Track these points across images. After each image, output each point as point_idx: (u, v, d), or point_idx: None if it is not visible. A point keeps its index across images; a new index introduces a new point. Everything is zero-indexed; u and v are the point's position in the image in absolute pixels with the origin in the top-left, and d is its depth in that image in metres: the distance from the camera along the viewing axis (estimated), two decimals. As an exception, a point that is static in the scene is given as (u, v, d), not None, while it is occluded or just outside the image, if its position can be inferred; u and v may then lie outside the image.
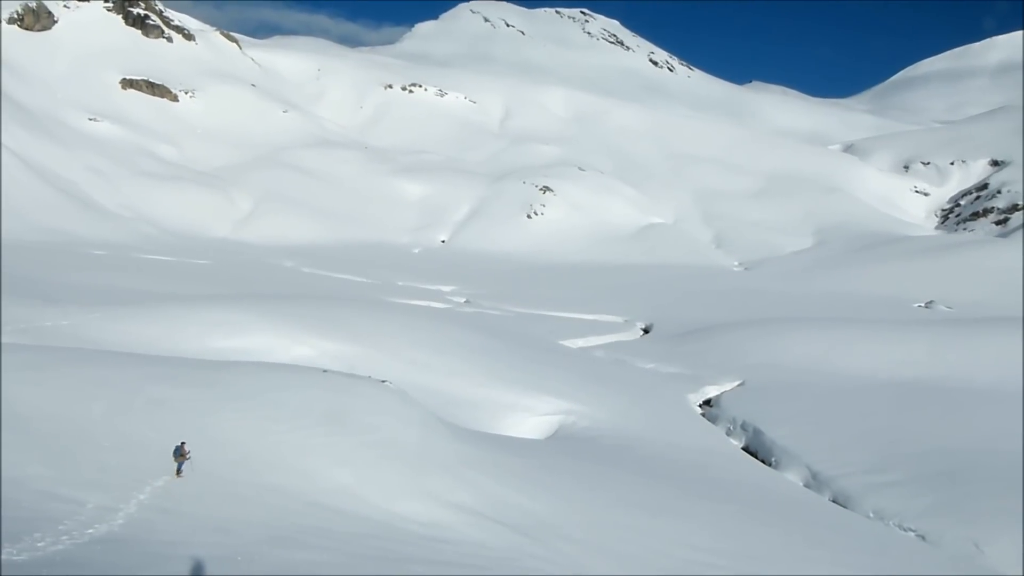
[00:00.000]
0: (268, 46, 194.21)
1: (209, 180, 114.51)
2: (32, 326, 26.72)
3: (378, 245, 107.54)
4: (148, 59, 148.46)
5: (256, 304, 33.83)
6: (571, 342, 47.73)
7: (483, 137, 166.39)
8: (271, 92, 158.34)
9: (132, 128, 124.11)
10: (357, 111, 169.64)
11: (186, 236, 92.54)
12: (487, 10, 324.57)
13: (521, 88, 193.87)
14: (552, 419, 29.31)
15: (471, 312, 56.14)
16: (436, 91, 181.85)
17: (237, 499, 14.56)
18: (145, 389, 18.30)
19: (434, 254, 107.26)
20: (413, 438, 18.82)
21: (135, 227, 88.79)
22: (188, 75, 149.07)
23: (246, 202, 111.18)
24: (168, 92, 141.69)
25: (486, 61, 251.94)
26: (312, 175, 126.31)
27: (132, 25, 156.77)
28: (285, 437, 17.37)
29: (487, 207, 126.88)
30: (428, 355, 31.80)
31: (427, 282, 73.00)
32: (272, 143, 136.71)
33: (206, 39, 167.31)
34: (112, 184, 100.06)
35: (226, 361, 23.20)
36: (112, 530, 11.66)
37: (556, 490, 19.52)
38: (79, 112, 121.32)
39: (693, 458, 27.18)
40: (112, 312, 30.09)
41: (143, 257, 66.89)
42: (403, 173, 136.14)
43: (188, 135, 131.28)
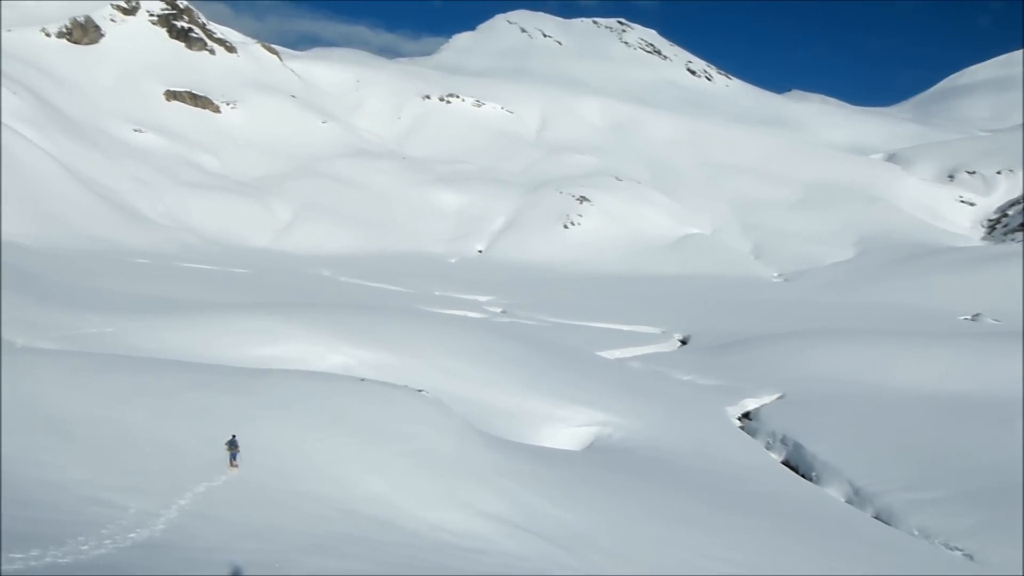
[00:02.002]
0: (308, 58, 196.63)
1: (249, 190, 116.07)
2: (77, 333, 27.22)
3: (415, 255, 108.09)
4: (191, 71, 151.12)
5: (294, 313, 34.14)
6: (607, 353, 47.46)
7: (520, 147, 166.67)
8: (310, 103, 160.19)
9: (175, 139, 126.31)
10: (395, 121, 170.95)
11: (226, 245, 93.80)
12: (524, 21, 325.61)
13: (558, 98, 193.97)
14: (588, 430, 29.14)
15: (507, 322, 56.10)
16: (473, 101, 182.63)
17: (274, 506, 14.66)
18: (185, 396, 18.53)
19: (470, 264, 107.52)
20: (449, 448, 18.83)
21: (177, 236, 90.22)
22: (230, 87, 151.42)
23: (285, 212, 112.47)
24: (210, 103, 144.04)
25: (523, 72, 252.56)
26: (350, 185, 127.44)
27: (176, 38, 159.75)
28: (321, 445, 17.47)
29: (523, 217, 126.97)
30: (464, 365, 31.82)
31: (463, 292, 73.15)
32: (311, 153, 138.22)
33: (248, 51, 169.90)
34: (155, 193, 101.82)
35: (264, 369, 23.42)
36: (153, 535, 11.79)
37: (591, 502, 19.38)
38: (124, 123, 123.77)
39: (731, 471, 26.82)
40: (153, 320, 30.55)
41: (184, 266, 67.91)
42: (440, 183, 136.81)
43: (229, 146, 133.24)
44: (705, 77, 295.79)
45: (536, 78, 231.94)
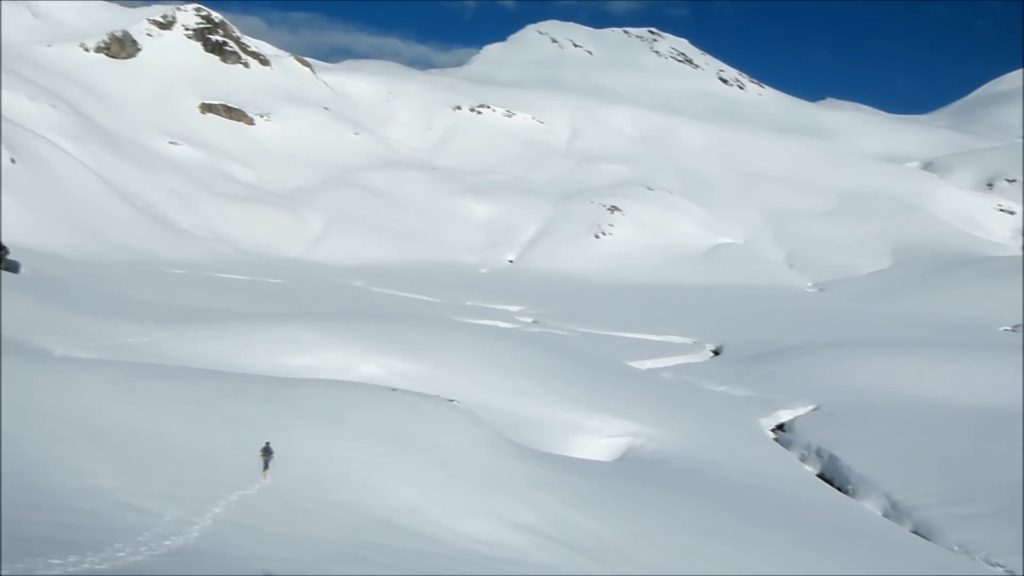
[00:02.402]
0: (340, 70, 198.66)
1: (282, 201, 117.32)
2: (114, 342, 27.63)
3: (446, 265, 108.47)
4: (226, 84, 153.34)
5: (326, 323, 34.37)
6: (639, 363, 47.20)
7: (550, 157, 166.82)
8: (343, 115, 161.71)
9: (210, 151, 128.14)
10: (426, 132, 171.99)
11: (260, 256, 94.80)
12: (555, 31, 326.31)
13: (588, 108, 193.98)
14: (619, 441, 28.96)
15: (538, 332, 56.03)
16: (504, 112, 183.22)
17: (306, 515, 14.73)
18: (219, 404, 18.71)
19: (501, 274, 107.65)
20: (480, 458, 18.81)
21: (212, 247, 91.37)
22: (263, 99, 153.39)
23: (318, 222, 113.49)
24: (244, 116, 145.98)
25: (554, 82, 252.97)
26: (382, 196, 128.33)
27: (211, 52, 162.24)
28: (353, 454, 17.54)
29: (554, 227, 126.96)
30: (495, 375, 31.80)
31: (494, 302, 73.22)
32: (343, 165, 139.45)
33: (281, 64, 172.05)
34: (190, 205, 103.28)
35: (297, 378, 23.60)
36: (188, 543, 11.89)
37: (622, 513, 19.24)
38: (160, 136, 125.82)
39: (765, 484, 26.50)
40: (188, 330, 30.92)
41: (219, 276, 68.70)
42: (471, 193, 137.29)
43: (263, 157, 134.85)
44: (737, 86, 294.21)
45: (567, 88, 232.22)
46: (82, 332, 27.99)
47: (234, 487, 14.94)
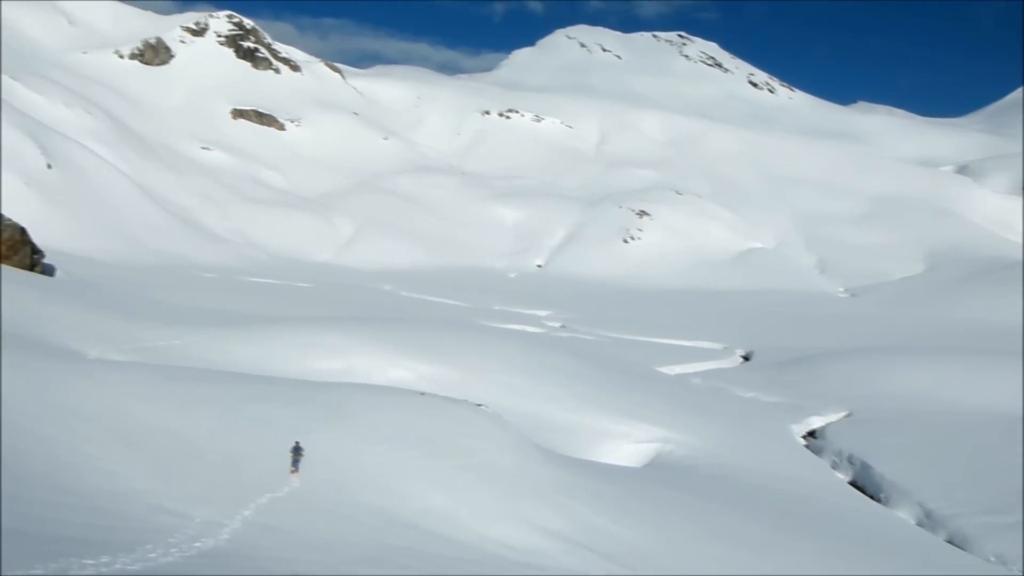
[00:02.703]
0: (370, 75, 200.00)
1: (312, 206, 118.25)
2: (146, 345, 27.96)
3: (474, 269, 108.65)
4: (257, 90, 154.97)
5: (355, 327, 34.55)
6: (668, 368, 46.94)
7: (579, 162, 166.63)
8: (372, 120, 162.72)
9: (241, 156, 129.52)
10: (455, 137, 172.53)
11: (290, 260, 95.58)
12: (583, 36, 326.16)
13: (617, 112, 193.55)
14: (648, 447, 28.79)
15: (566, 337, 55.91)
16: (532, 117, 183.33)
17: (335, 518, 14.79)
18: (249, 407, 18.87)
19: (530, 278, 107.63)
20: (508, 463, 18.78)
21: (242, 251, 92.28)
22: (294, 105, 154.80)
23: (347, 227, 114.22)
24: (275, 121, 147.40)
25: (582, 87, 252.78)
26: (411, 200, 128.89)
27: (243, 58, 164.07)
28: (382, 458, 17.59)
29: (583, 232, 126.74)
30: (523, 379, 31.77)
31: (523, 306, 73.19)
32: (372, 169, 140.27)
33: (311, 70, 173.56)
34: (221, 210, 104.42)
35: (326, 382, 23.73)
36: (218, 545, 11.97)
37: (651, 520, 19.11)
38: (192, 141, 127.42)
39: (795, 491, 26.21)
40: (219, 333, 31.22)
41: (249, 280, 69.36)
42: (499, 198, 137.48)
43: (293, 162, 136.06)
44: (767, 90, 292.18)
45: (595, 93, 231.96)
46: (115, 335, 28.36)
47: (263, 490, 15.04)
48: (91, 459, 14.66)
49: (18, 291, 30.95)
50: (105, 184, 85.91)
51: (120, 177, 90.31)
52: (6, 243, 38.03)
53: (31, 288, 33.33)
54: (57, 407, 16.64)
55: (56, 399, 17.03)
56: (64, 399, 17.13)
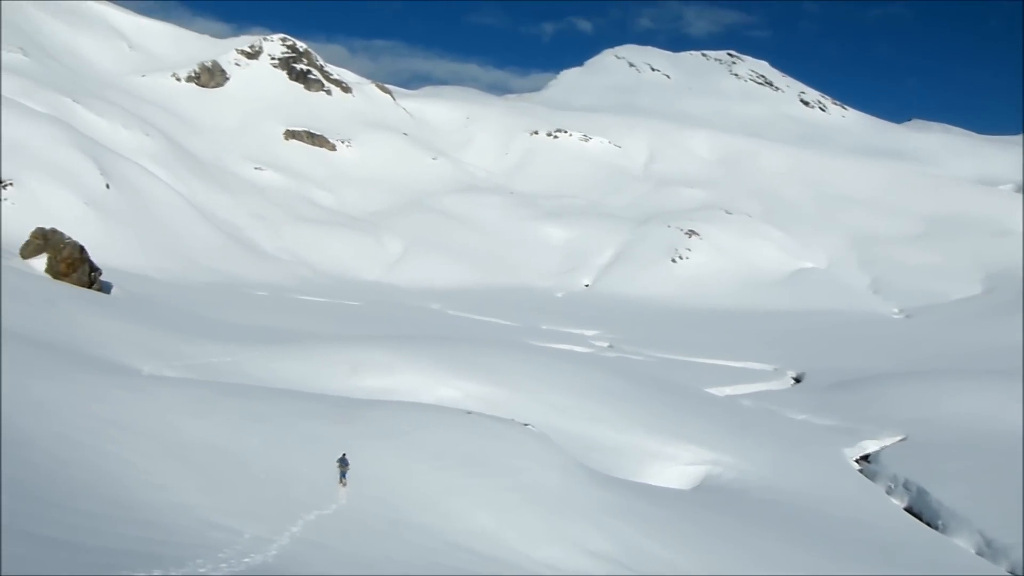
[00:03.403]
0: (419, 96, 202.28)
1: (362, 225, 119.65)
2: (199, 362, 28.44)
3: (522, 288, 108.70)
4: (309, 111, 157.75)
5: (403, 345, 34.75)
6: (717, 390, 46.30)
7: (627, 181, 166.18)
8: (421, 140, 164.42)
9: (293, 176, 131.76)
10: (503, 157, 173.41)
11: (340, 278, 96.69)
12: (632, 55, 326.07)
13: (666, 131, 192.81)
14: (697, 469, 28.38)
15: (614, 357, 55.55)
16: (580, 136, 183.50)
17: (381, 536, 14.81)
18: (298, 424, 19.04)
19: (577, 298, 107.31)
20: (554, 483, 18.64)
21: (293, 269, 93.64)
22: (345, 125, 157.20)
23: (396, 246, 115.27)
24: (326, 142, 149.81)
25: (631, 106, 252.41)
26: (459, 220, 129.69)
27: (295, 80, 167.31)
28: (428, 476, 17.59)
29: (631, 251, 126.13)
30: (570, 399, 31.60)
31: (570, 326, 72.94)
32: (421, 189, 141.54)
33: (362, 91, 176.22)
34: (273, 229, 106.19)
35: (373, 400, 23.86)
36: (266, 560, 12.06)
37: (699, 544, 18.79)
38: (246, 161, 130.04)
39: (849, 517, 25.57)
40: (270, 350, 31.64)
41: (299, 298, 70.28)
42: (547, 217, 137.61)
43: (344, 182, 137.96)
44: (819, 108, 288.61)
45: (644, 112, 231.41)
46: (169, 351, 28.90)
47: (312, 507, 15.12)
48: (144, 473, 14.91)
49: (76, 308, 31.76)
50: (161, 204, 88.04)
51: (176, 197, 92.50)
52: (65, 261, 39.08)
53: (88, 305, 34.18)
54: (112, 422, 16.97)
55: (111, 414, 17.38)
56: (119, 414, 17.48)
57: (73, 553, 9.95)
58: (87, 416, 16.84)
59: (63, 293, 35.07)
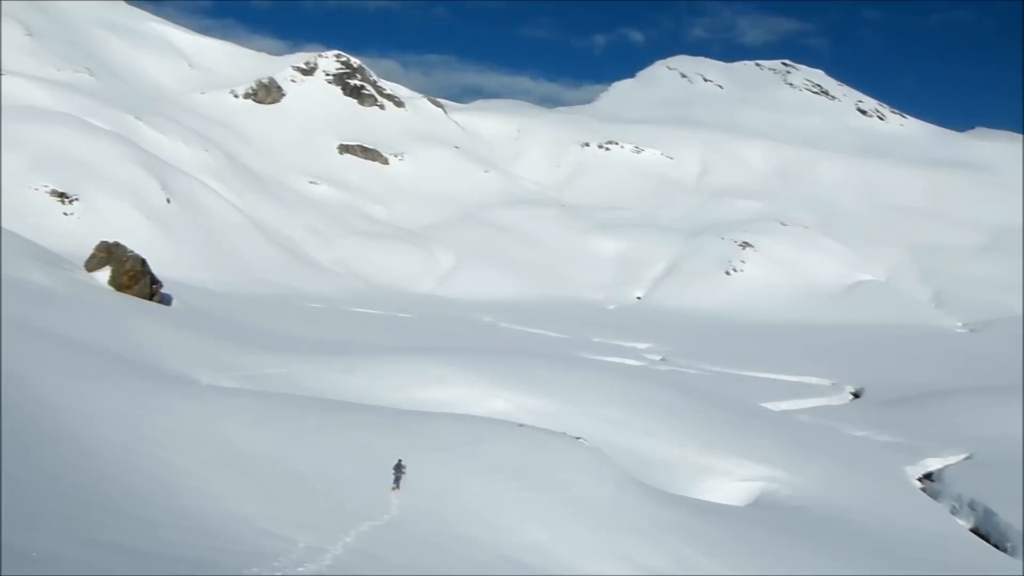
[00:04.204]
0: (471, 109, 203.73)
1: (414, 238, 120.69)
2: (255, 373, 28.91)
3: (573, 301, 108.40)
4: (362, 126, 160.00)
5: (455, 357, 34.86)
6: (773, 405, 45.52)
7: (680, 193, 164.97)
8: (473, 153, 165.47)
9: (346, 189, 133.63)
10: (554, 169, 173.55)
11: (392, 290, 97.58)
12: (684, 66, 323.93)
13: (719, 142, 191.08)
14: (752, 485, 27.89)
15: (667, 370, 55.03)
16: (632, 148, 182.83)
17: (433, 549, 14.83)
18: (351, 435, 19.22)
19: (629, 310, 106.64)
20: (607, 497, 18.49)
21: (347, 282, 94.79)
22: (398, 139, 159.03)
23: (448, 259, 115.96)
24: (380, 156, 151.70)
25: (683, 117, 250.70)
26: (510, 232, 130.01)
27: (349, 95, 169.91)
28: (480, 489, 17.58)
29: (684, 263, 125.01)
30: (623, 413, 31.34)
31: (622, 339, 72.48)
32: (473, 202, 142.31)
33: (414, 105, 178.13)
34: (327, 242, 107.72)
35: (426, 412, 23.97)
36: (320, 570, 12.16)
37: (754, 562, 18.44)
38: (301, 176, 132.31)
39: (911, 537, 24.87)
40: (324, 362, 32.02)
41: (353, 310, 71.07)
42: (599, 230, 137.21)
43: (396, 195, 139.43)
44: (877, 117, 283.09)
45: (697, 123, 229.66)
46: (226, 362, 29.43)
47: (364, 517, 15.23)
48: (202, 482, 15.18)
49: (137, 319, 32.56)
50: (219, 218, 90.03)
51: (233, 211, 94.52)
52: (127, 274, 40.10)
53: (149, 316, 35.01)
54: (172, 431, 17.33)
55: (171, 423, 17.75)
56: (179, 424, 17.84)
57: (135, 559, 10.16)
58: (150, 425, 17.22)
59: (125, 305, 36.00)
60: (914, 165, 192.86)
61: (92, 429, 15.94)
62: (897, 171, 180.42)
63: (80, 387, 18.24)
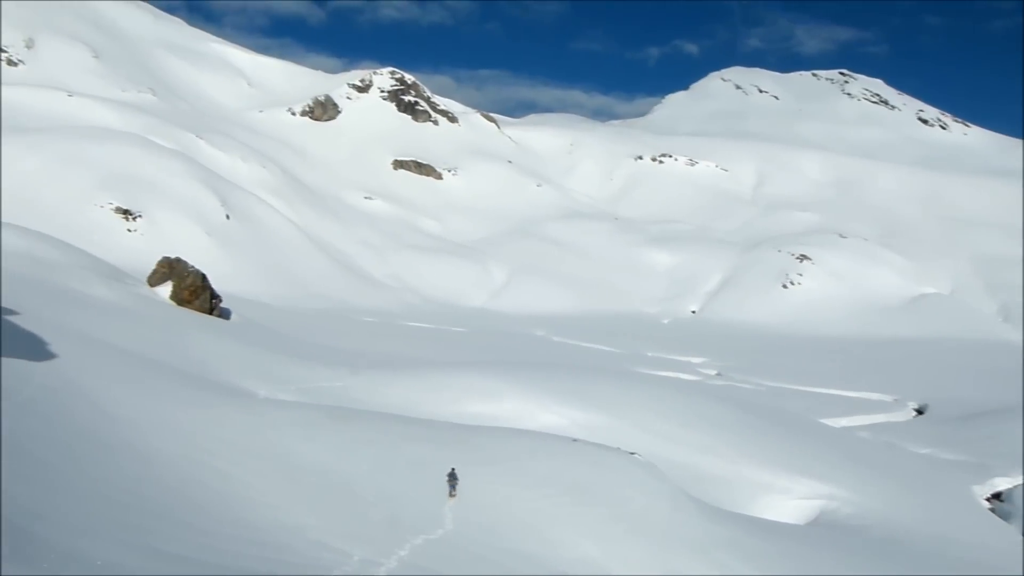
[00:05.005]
0: (524, 124, 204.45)
1: (467, 252, 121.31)
2: (311, 386, 29.27)
3: (627, 315, 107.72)
4: (416, 141, 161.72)
5: (508, 371, 34.83)
6: (832, 421, 44.51)
7: (735, 205, 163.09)
8: (525, 167, 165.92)
9: (401, 204, 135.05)
10: (607, 183, 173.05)
11: (445, 304, 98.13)
12: (738, 77, 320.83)
13: (774, 154, 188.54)
14: (812, 503, 27.26)
15: (722, 385, 54.26)
16: (686, 160, 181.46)
17: (486, 563, 14.78)
18: (405, 449, 19.29)
19: (684, 324, 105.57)
20: (662, 514, 18.25)
21: (400, 296, 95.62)
22: (451, 154, 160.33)
23: (501, 273, 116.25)
24: (433, 171, 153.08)
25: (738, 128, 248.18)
26: (563, 246, 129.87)
27: (404, 111, 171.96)
28: (533, 504, 17.49)
29: (740, 276, 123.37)
30: (677, 428, 30.95)
31: (677, 353, 71.72)
32: (526, 216, 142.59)
33: (468, 120, 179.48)
34: (381, 256, 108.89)
35: (479, 426, 23.98)
36: (373, 584, 12.21)
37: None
38: (356, 191, 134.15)
39: (980, 560, 24.04)
40: (377, 375, 32.27)
41: (406, 324, 71.62)
42: (652, 243, 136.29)
43: (450, 210, 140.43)
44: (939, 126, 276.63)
45: (752, 134, 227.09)
46: (283, 375, 29.85)
47: (418, 531, 15.26)
48: (260, 494, 15.37)
49: (197, 333, 33.24)
50: (276, 233, 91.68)
51: (290, 226, 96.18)
52: (188, 288, 40.99)
53: (209, 330, 35.72)
54: (231, 443, 17.61)
55: (230, 436, 18.04)
56: (237, 436, 18.12)
57: (192, 569, 10.31)
58: (208, 437, 17.53)
59: (185, 319, 36.80)
60: (979, 175, 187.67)
61: (152, 440, 16.28)
62: (961, 181, 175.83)
63: (141, 399, 18.65)
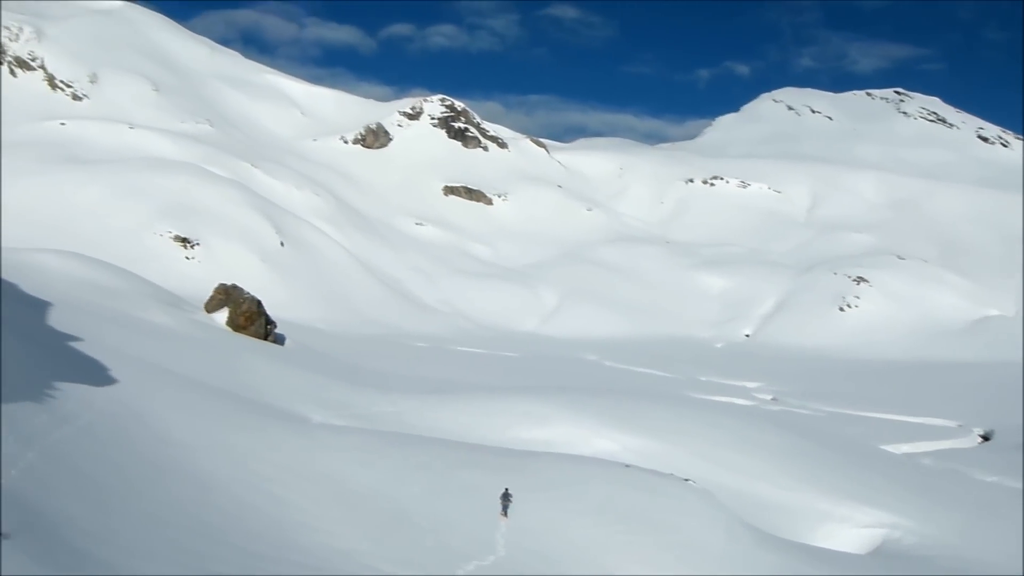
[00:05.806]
0: (573, 148, 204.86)
1: (518, 277, 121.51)
2: (363, 411, 29.47)
3: (680, 339, 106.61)
4: (466, 167, 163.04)
5: (559, 396, 34.66)
6: (893, 447, 43.34)
7: (789, 227, 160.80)
8: (575, 192, 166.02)
9: (451, 230, 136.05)
10: (658, 206, 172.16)
11: (496, 329, 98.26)
12: (790, 98, 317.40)
13: (829, 175, 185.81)
14: (873, 532, 26.48)
15: (778, 410, 53.25)
16: (738, 183, 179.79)
17: (539, 591, 14.62)
18: (457, 474, 19.26)
19: (738, 348, 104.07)
20: (717, 542, 17.89)
21: (452, 321, 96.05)
22: (501, 180, 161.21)
23: (552, 297, 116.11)
24: (483, 196, 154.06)
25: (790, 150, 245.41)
26: (614, 270, 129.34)
27: (454, 138, 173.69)
28: (585, 531, 17.30)
29: (795, 299, 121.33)
30: (732, 454, 30.40)
31: (731, 378, 70.65)
32: (576, 240, 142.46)
33: (517, 146, 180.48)
34: (433, 281, 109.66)
35: (531, 451, 23.84)
36: (425, 611, 12.15)
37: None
38: (407, 217, 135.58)
39: (1053, 592, 23.04)
40: (430, 400, 32.37)
41: (458, 349, 71.83)
42: (704, 266, 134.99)
43: (500, 235, 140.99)
44: (1000, 144, 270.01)
45: (805, 156, 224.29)
46: (336, 400, 30.12)
47: (471, 556, 15.18)
48: (313, 518, 15.46)
49: (252, 359, 33.76)
50: (329, 260, 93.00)
51: (342, 253, 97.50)
52: (244, 315, 41.74)
53: (264, 356, 36.26)
54: (286, 468, 17.77)
55: (286, 461, 18.21)
56: (292, 461, 18.29)
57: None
58: (262, 462, 17.72)
59: (241, 344, 37.41)
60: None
61: (208, 464, 16.50)
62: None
63: (197, 423, 18.95)
